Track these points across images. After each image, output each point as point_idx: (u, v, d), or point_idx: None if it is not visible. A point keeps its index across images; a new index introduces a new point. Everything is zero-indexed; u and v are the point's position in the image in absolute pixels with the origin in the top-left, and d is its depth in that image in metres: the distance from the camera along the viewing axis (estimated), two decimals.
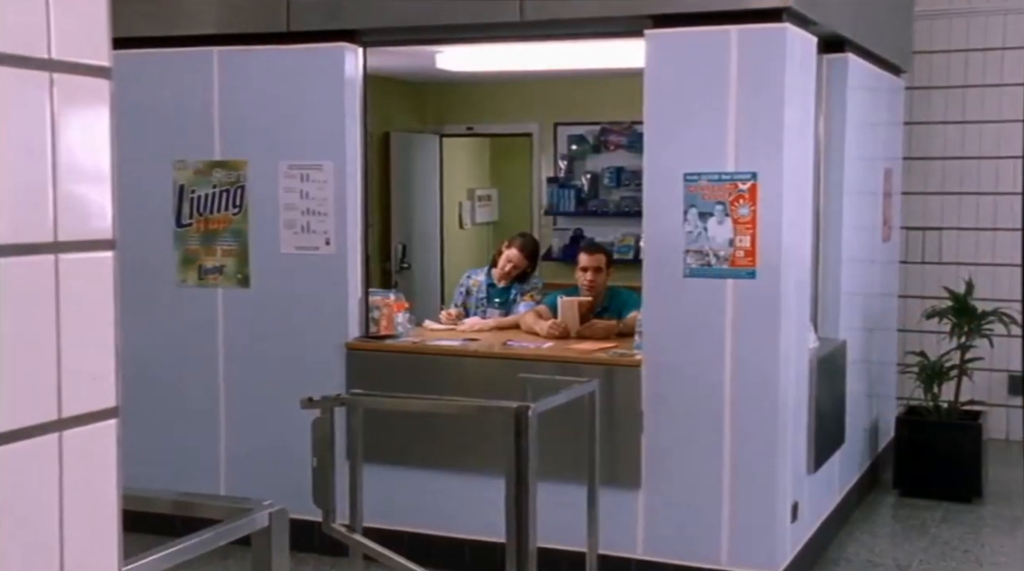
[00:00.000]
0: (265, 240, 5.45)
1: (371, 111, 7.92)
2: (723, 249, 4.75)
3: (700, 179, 4.77)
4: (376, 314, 5.56)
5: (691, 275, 4.81)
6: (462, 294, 6.35)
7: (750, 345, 4.76)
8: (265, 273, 5.48)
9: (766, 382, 4.77)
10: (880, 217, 6.59)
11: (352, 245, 5.39)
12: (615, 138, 8.28)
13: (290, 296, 5.45)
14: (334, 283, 5.39)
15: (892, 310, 7.11)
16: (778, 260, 4.73)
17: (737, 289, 4.75)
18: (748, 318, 4.75)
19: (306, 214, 5.40)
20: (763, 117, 4.70)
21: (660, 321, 4.90)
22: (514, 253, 6.18)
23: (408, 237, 8.33)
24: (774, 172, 4.70)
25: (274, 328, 5.48)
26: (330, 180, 5.34)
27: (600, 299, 5.89)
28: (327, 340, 5.40)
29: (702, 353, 4.81)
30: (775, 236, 4.72)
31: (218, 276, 5.55)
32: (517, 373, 4.93)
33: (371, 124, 8.03)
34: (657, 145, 4.87)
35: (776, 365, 4.77)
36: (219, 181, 5.52)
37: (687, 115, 4.81)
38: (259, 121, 5.43)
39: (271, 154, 5.41)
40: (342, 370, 5.38)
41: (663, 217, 4.84)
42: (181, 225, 5.59)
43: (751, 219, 4.72)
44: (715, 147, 4.75)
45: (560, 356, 5.15)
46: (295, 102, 5.37)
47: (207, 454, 5.62)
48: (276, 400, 5.38)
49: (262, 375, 5.50)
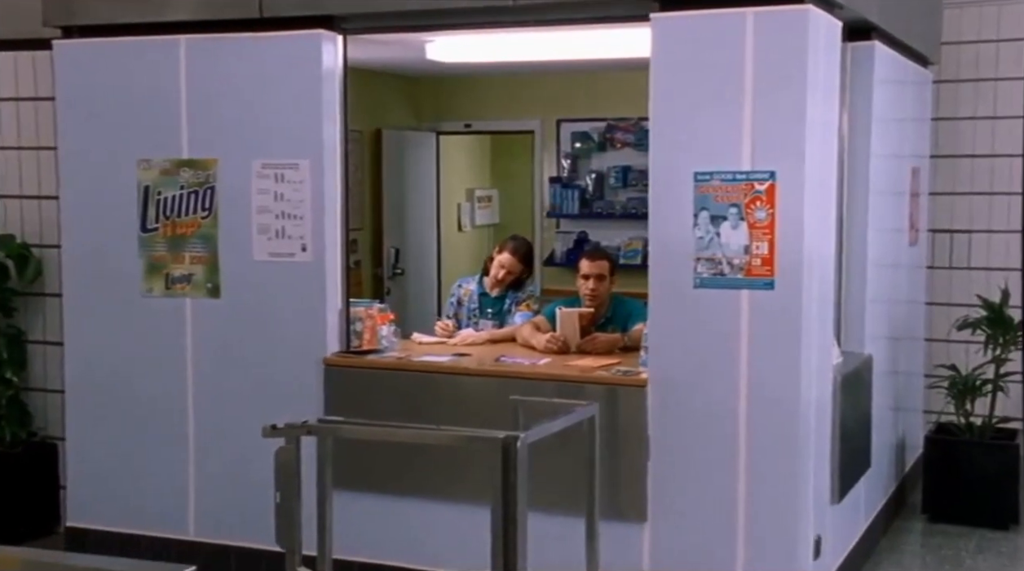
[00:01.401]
0: (237, 246, 5.03)
1: (362, 107, 7.55)
2: (738, 256, 4.30)
3: (712, 179, 4.32)
4: (359, 327, 5.12)
5: (702, 285, 4.36)
6: (453, 305, 5.90)
7: (768, 363, 4.33)
8: (237, 282, 5.06)
9: (786, 404, 4.33)
10: (906, 219, 6.12)
11: (331, 251, 4.96)
12: (621, 135, 7.91)
13: (264, 307, 5.03)
14: (311, 293, 4.96)
15: (919, 319, 6.65)
16: (799, 269, 4.28)
17: (753, 301, 4.32)
18: (765, 333, 4.32)
19: (281, 218, 4.96)
20: (783, 110, 4.26)
21: (668, 336, 4.45)
22: (507, 258, 5.73)
23: (402, 241, 7.89)
24: (795, 171, 4.26)
25: (247, 342, 5.06)
26: (307, 180, 4.91)
27: (603, 309, 5.44)
28: (304, 355, 4.97)
29: (714, 372, 4.39)
30: (796, 242, 4.27)
31: (186, 285, 5.12)
32: (510, 393, 4.49)
33: (362, 120, 7.69)
34: (664, 141, 4.42)
35: (797, 385, 4.33)
36: (187, 182, 5.08)
37: (697, 108, 4.37)
38: (230, 116, 5.02)
39: (243, 152, 5.01)
40: (320, 388, 4.96)
41: (671, 221, 4.39)
42: (146, 230, 5.16)
43: (769, 223, 4.27)
44: (729, 143, 4.32)
45: (557, 375, 4.69)
46: (269, 95, 4.96)
47: (175, 477, 5.19)
48: (249, 419, 4.91)
49: (234, 393, 5.08)
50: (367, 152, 7.65)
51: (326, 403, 4.94)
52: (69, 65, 5.21)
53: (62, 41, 5.21)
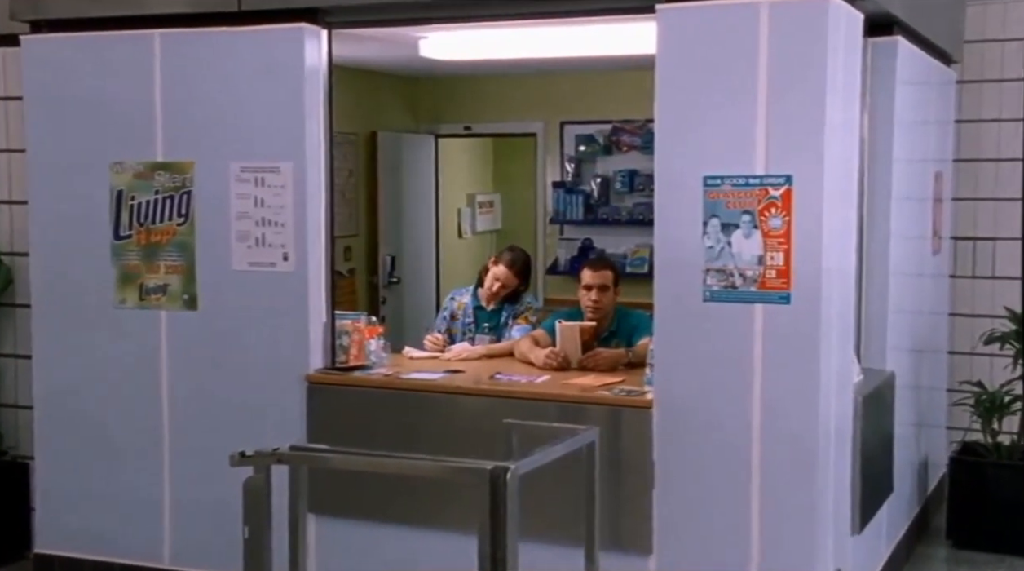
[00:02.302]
0: (214, 255, 4.73)
1: (356, 108, 7.26)
2: (751, 268, 3.97)
3: (723, 184, 4.00)
4: (345, 341, 4.80)
5: (712, 299, 4.03)
6: (446, 319, 5.56)
7: (784, 383, 4.01)
8: (215, 293, 4.75)
9: (803, 428, 4.01)
10: (930, 226, 5.77)
11: (315, 261, 4.64)
12: (628, 138, 7.60)
13: (243, 320, 4.72)
14: (293, 305, 4.65)
15: (943, 331, 6.31)
16: (817, 281, 3.95)
17: (768, 316, 3.99)
18: (781, 351, 4.00)
19: (261, 225, 4.64)
20: (800, 109, 3.94)
21: (675, 354, 4.12)
22: (501, 270, 5.40)
23: (398, 248, 7.57)
24: (813, 175, 3.93)
25: (225, 357, 4.74)
26: (289, 185, 4.60)
27: (607, 322, 5.11)
28: (285, 372, 4.66)
29: (725, 393, 4.06)
30: (814, 252, 3.94)
31: (161, 296, 4.80)
32: (505, 413, 4.18)
33: (356, 122, 7.39)
34: (670, 143, 4.09)
35: (815, 407, 4.00)
36: (162, 186, 4.77)
37: (707, 107, 4.05)
38: (207, 116, 4.72)
39: (221, 154, 4.70)
40: (302, 407, 4.64)
41: (678, 229, 4.06)
42: (119, 237, 4.84)
43: (785, 232, 3.94)
44: (741, 145, 4.00)
45: (555, 394, 4.36)
46: (249, 93, 4.65)
47: (149, 502, 4.88)
48: (227, 440, 4.56)
49: (211, 411, 4.77)
50: (362, 155, 7.34)
51: (309, 423, 4.62)
52: (37, 62, 4.90)
53: (30, 36, 4.90)
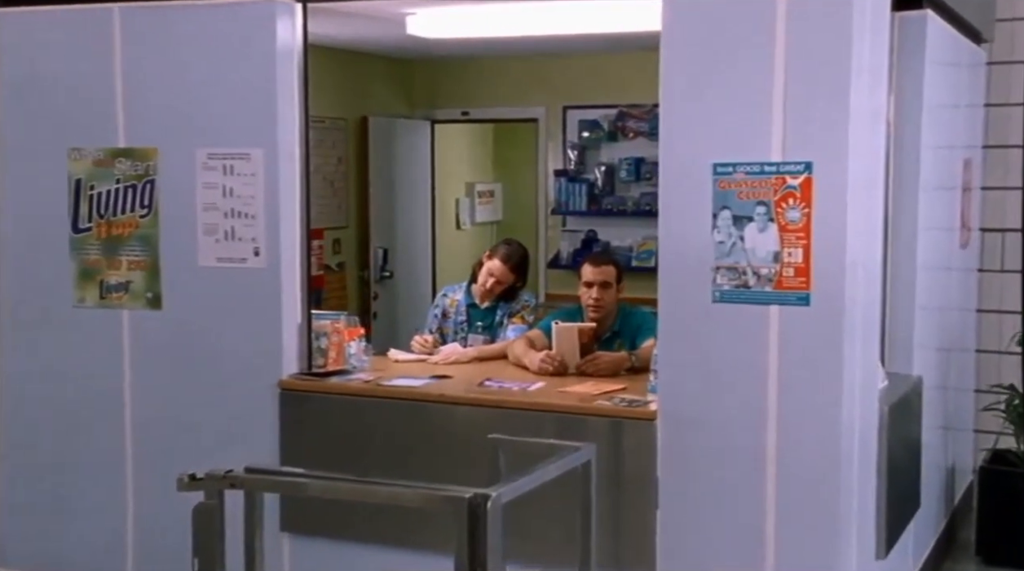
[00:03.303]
0: (180, 249, 4.36)
1: (346, 92, 6.87)
2: (766, 265, 3.57)
3: (735, 172, 3.61)
4: (323, 343, 4.42)
5: (723, 300, 3.64)
6: (437, 317, 5.16)
7: (802, 393, 3.62)
8: (180, 291, 4.38)
9: (823, 442, 3.62)
10: (958, 217, 5.35)
11: (288, 256, 4.27)
12: (634, 124, 7.19)
13: (211, 320, 4.35)
14: (265, 304, 4.27)
15: (970, 329, 5.91)
16: (840, 281, 3.55)
17: (785, 319, 3.60)
18: (799, 357, 3.61)
19: (230, 216, 4.26)
20: (822, 88, 3.55)
21: (681, 360, 3.72)
22: (496, 265, 5.00)
23: (391, 240, 7.17)
24: (836, 162, 3.53)
25: (192, 361, 4.38)
26: (260, 173, 4.22)
27: (609, 321, 4.72)
28: (257, 377, 4.29)
29: (737, 404, 3.68)
30: (837, 248, 3.55)
31: (123, 294, 4.43)
32: (493, 424, 3.81)
33: (346, 107, 6.98)
34: (676, 126, 3.69)
35: (837, 419, 3.60)
36: (124, 174, 4.39)
37: (717, 86, 3.65)
38: (171, 98, 4.35)
39: (186, 140, 4.33)
40: (275, 415, 4.26)
41: (684, 223, 3.67)
42: (78, 230, 4.47)
43: (804, 225, 3.54)
44: (755, 129, 3.60)
45: (549, 404, 3.96)
46: (216, 74, 4.27)
47: (111, 516, 4.52)
48: (194, 450, 4.32)
49: (178, 419, 4.41)
50: (352, 142, 6.95)
51: (282, 433, 4.25)
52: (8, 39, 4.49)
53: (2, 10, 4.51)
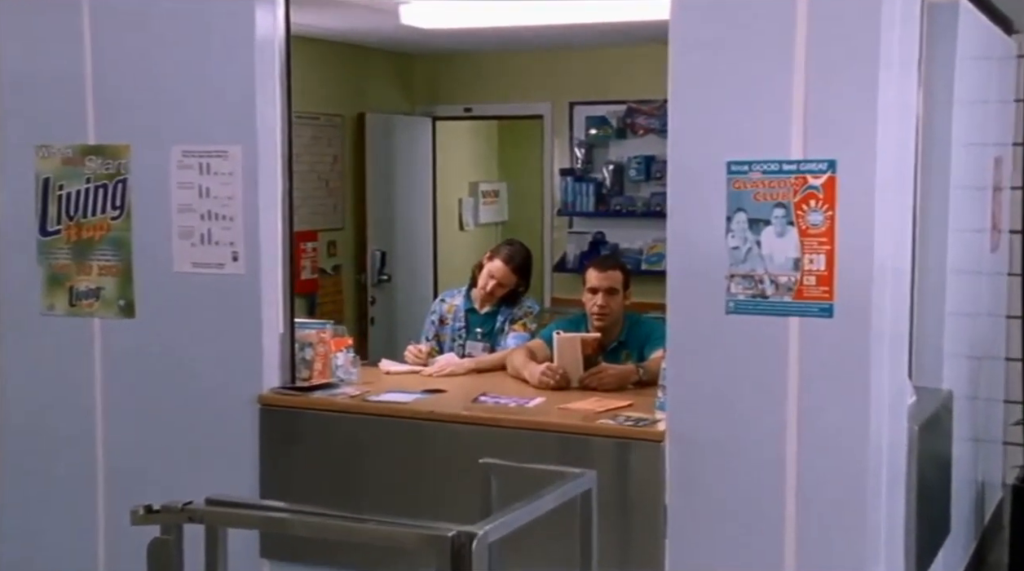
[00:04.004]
0: (154, 254, 4.07)
1: (343, 87, 6.57)
2: (785, 273, 3.26)
3: (751, 171, 3.30)
4: (308, 354, 4.12)
5: (737, 311, 3.33)
6: (434, 323, 4.86)
7: (825, 413, 3.30)
8: (154, 298, 4.09)
9: (848, 466, 3.31)
10: (988, 218, 5.03)
11: (269, 261, 3.97)
12: (644, 120, 6.91)
13: (187, 330, 4.06)
14: (244, 313, 3.98)
15: (1000, 335, 5.58)
16: (867, 290, 3.24)
17: (806, 332, 3.29)
18: (822, 374, 3.30)
19: (207, 218, 3.97)
20: (846, 79, 3.23)
21: (691, 377, 3.41)
22: (497, 266, 4.71)
23: (389, 242, 6.88)
24: (863, 159, 3.22)
25: (166, 373, 4.09)
26: (238, 172, 3.92)
27: (616, 330, 4.42)
28: (236, 391, 4.00)
29: (753, 424, 3.37)
30: (863, 254, 3.24)
31: (94, 302, 4.14)
32: (486, 443, 3.54)
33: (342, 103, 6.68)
34: (686, 121, 3.39)
35: (864, 442, 3.30)
36: (94, 173, 4.10)
37: (731, 77, 3.35)
38: (144, 92, 4.04)
39: (160, 136, 4.04)
40: (254, 431, 3.96)
41: (695, 226, 3.36)
42: (46, 233, 4.18)
43: (827, 229, 3.23)
44: (773, 124, 3.29)
45: (546, 423, 3.65)
46: (192, 66, 3.96)
47: (81, 539, 4.23)
48: (169, 469, 4.05)
49: (152, 436, 4.13)
50: (348, 140, 6.66)
51: (262, 451, 3.96)
52: None
53: None
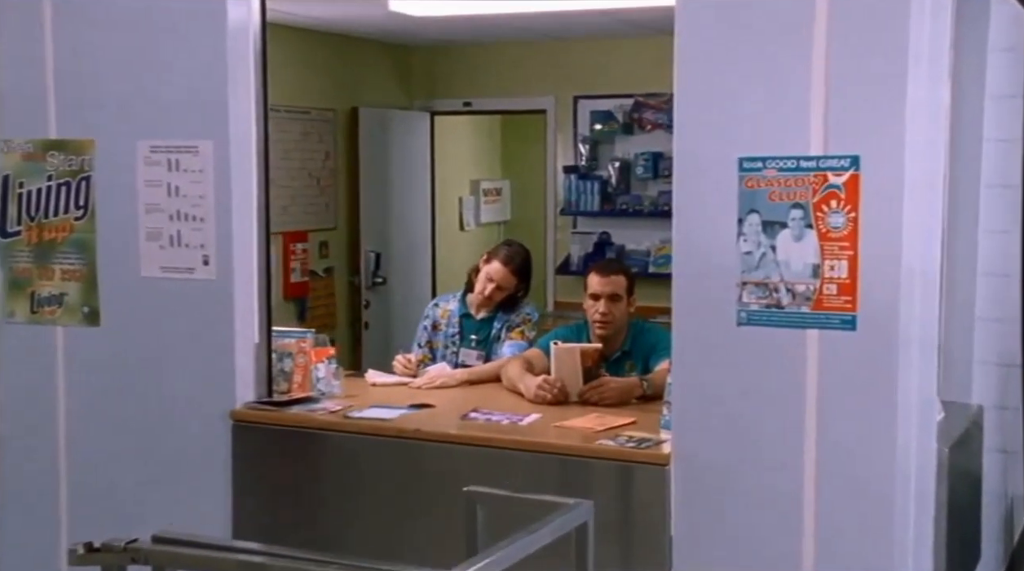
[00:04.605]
0: (120, 257, 3.79)
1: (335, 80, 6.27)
2: (803, 281, 2.97)
3: (765, 168, 3.01)
4: (287, 365, 3.84)
5: (749, 322, 3.03)
6: (427, 329, 4.57)
7: (847, 435, 3.00)
8: (120, 305, 3.82)
9: (873, 494, 3.01)
10: (1019, 218, 4.70)
11: (243, 266, 3.69)
12: (652, 115, 6.62)
13: (155, 339, 3.79)
14: (216, 321, 3.69)
15: None
16: (894, 299, 2.94)
17: (826, 346, 2.99)
18: (843, 392, 3.00)
19: (176, 219, 3.68)
20: (871, 68, 2.92)
21: (699, 395, 3.11)
22: (496, 268, 4.41)
23: (384, 243, 6.59)
24: (890, 155, 2.91)
25: (134, 386, 3.81)
26: (209, 169, 3.63)
27: (619, 339, 4.12)
28: (207, 406, 3.71)
29: (767, 447, 3.06)
30: (889, 260, 2.93)
31: (57, 309, 3.86)
32: (477, 466, 3.24)
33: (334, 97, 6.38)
34: (694, 114, 3.08)
35: (890, 467, 3.00)
36: (56, 170, 3.82)
37: (744, 66, 3.03)
38: (109, 83, 3.75)
39: (126, 131, 3.76)
40: (227, 450, 3.68)
41: (703, 229, 3.06)
42: (6, 234, 3.91)
43: (849, 232, 2.93)
44: (790, 117, 2.98)
45: (540, 444, 3.34)
46: (160, 56, 3.68)
47: (43, 562, 3.91)
48: (136, 489, 3.79)
49: (118, 453, 3.86)
50: (341, 136, 6.38)
51: (235, 471, 3.67)
52: None
53: None
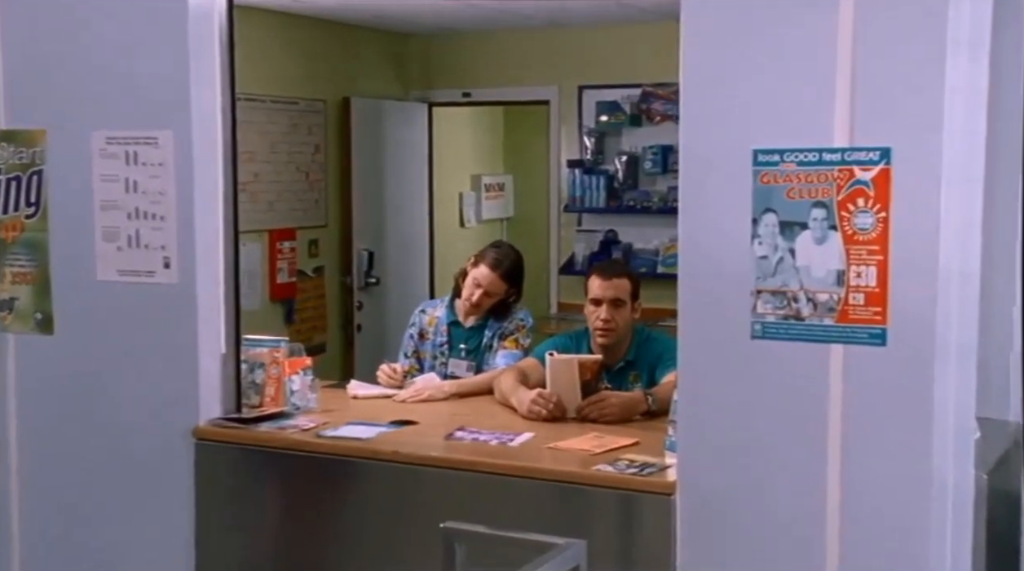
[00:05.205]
0: (74, 259, 3.50)
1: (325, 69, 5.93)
2: (825, 289, 2.63)
3: (782, 162, 2.67)
4: (258, 377, 3.52)
5: (764, 335, 2.69)
6: (413, 338, 4.23)
7: (875, 463, 2.66)
8: (75, 311, 3.52)
9: (904, 528, 2.67)
10: None
11: (208, 268, 3.38)
12: (660, 106, 6.28)
13: (113, 348, 3.49)
14: (178, 329, 3.36)
15: None
16: (929, 311, 2.60)
17: (852, 363, 2.65)
18: (871, 415, 2.66)
19: (135, 218, 3.37)
20: (906, 50, 2.57)
21: (707, 417, 2.78)
22: (483, 273, 4.05)
23: (378, 241, 6.26)
24: (926, 147, 2.58)
25: (89, 400, 3.52)
26: (170, 162, 3.32)
27: (622, 348, 3.80)
28: (168, 422, 3.40)
29: (785, 474, 2.73)
30: (924, 265, 2.60)
31: (8, 314, 3.56)
32: (461, 493, 2.92)
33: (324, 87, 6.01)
34: (702, 101, 2.73)
35: (924, 498, 2.67)
36: (5, 163, 3.53)
37: (760, 47, 2.68)
38: (62, 69, 3.44)
39: (80, 120, 3.45)
40: (189, 471, 3.36)
41: (713, 230, 2.72)
42: None
43: (879, 234, 2.59)
44: (811, 104, 2.64)
45: (530, 469, 2.99)
46: (116, 39, 3.36)
47: None
48: (93, 511, 3.51)
49: (74, 472, 3.56)
50: (331, 128, 6.06)
51: (198, 493, 3.35)
52: None
53: None
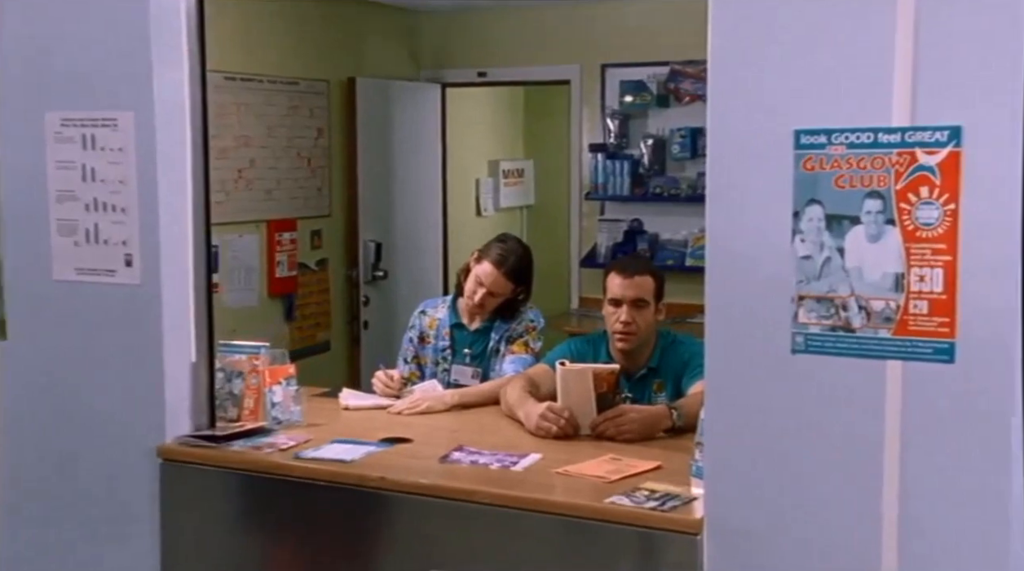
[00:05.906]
0: (28, 257, 3.17)
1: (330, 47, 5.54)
2: (881, 295, 2.24)
3: (830, 144, 2.28)
4: (236, 387, 3.16)
5: (808, 349, 2.30)
6: (412, 341, 3.85)
7: (939, 500, 2.26)
8: (30, 314, 3.19)
9: None
10: None
11: (174, 266, 3.01)
12: (690, 85, 5.91)
13: (70, 356, 3.14)
14: (141, 335, 3.01)
15: None
16: (1007, 322, 2.21)
17: (912, 382, 2.25)
18: (935, 443, 2.26)
19: (93, 210, 3.02)
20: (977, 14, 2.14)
21: (740, 442, 2.38)
22: (487, 271, 3.65)
23: (386, 232, 5.90)
24: (1001, 127, 2.17)
25: (45, 413, 3.16)
26: (130, 147, 2.96)
27: (644, 354, 3.41)
28: (131, 440, 3.06)
29: (831, 512, 2.32)
30: (1001, 267, 2.20)
31: None
32: (456, 525, 2.55)
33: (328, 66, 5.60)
34: (734, 75, 2.33)
35: (1000, 542, 2.28)
36: None
37: (799, 10, 2.28)
38: (11, 44, 3.08)
39: (31, 100, 3.09)
40: (154, 495, 3.02)
41: (746, 225, 2.33)
42: None
43: (947, 231, 2.19)
44: (865, 79, 2.24)
45: (534, 501, 2.59)
46: (71, 11, 3.01)
47: None
48: (52, 538, 3.15)
49: (27, 494, 3.19)
50: (336, 110, 5.73)
51: (163, 520, 3.00)
52: None
53: None
